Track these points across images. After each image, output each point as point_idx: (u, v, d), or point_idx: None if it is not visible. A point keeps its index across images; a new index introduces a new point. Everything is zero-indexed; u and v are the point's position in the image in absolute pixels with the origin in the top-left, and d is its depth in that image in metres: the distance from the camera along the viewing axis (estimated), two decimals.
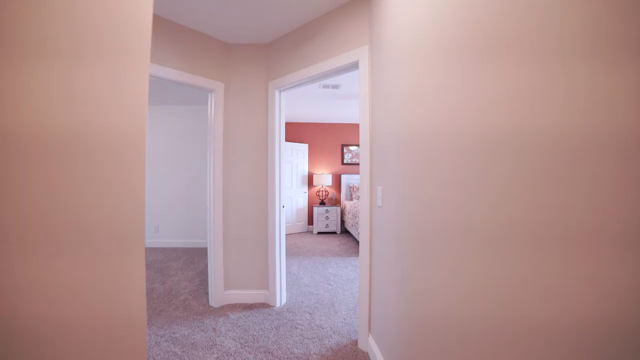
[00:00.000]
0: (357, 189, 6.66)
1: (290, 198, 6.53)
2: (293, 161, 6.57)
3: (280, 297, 2.80)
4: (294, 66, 2.60)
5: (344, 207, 6.43)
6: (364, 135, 2.07)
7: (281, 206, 2.85)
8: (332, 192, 6.89)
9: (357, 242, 5.48)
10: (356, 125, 6.99)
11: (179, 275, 3.59)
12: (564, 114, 0.56)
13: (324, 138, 6.97)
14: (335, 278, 3.53)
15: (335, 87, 4.22)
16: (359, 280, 2.12)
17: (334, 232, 6.56)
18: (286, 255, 4.58)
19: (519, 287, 0.68)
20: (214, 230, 2.76)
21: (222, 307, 2.75)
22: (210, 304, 2.78)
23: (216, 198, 2.77)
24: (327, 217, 6.43)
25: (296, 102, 5.16)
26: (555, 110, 0.58)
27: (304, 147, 6.78)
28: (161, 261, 4.21)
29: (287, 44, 2.67)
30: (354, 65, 2.17)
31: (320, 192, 6.80)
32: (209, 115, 2.83)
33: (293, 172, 6.57)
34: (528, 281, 0.65)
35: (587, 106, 0.52)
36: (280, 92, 2.82)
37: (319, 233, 6.51)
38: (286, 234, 6.38)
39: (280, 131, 2.85)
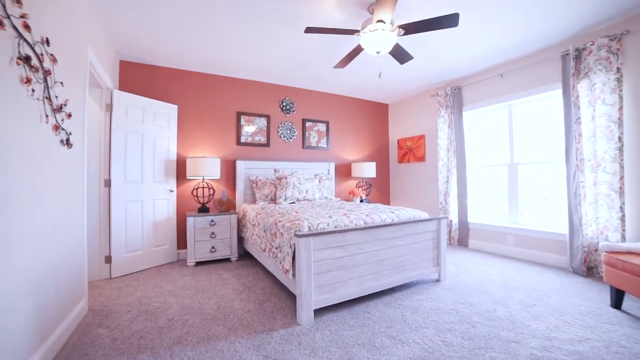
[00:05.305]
0: (265, 183, 4.16)
1: (141, 202, 3.43)
2: (145, 132, 3.49)
3: None
4: None
5: (243, 215, 3.83)
6: None
7: None
8: (221, 189, 4.14)
9: (276, 280, 3.00)
10: (266, 86, 4.45)
11: None
12: None
13: (207, 99, 4.15)
14: None
15: None
16: None
17: (227, 259, 3.85)
18: (116, 353, 1.68)
19: None
20: None
21: None
22: None
23: None
24: (212, 234, 3.66)
25: (152, 13, 2.29)
26: None
27: (169, 111, 3.78)
28: None
29: None
30: None
31: (200, 190, 3.96)
32: None
33: (146, 152, 3.49)
34: None
35: None
36: None
37: (198, 263, 3.67)
38: (130, 274, 3.26)
39: None
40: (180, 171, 3.92)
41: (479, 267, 3.26)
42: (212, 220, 3.65)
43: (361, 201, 4.79)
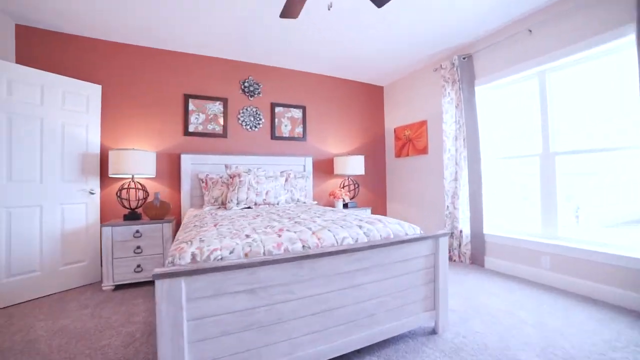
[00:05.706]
0: (217, 182, 3.24)
1: (39, 207, 2.59)
2: (47, 118, 2.65)
3: None
4: None
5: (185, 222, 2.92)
6: None
7: None
8: (155, 190, 3.25)
9: None
10: (221, 62, 3.54)
11: None
12: None
13: (145, 78, 3.28)
14: None
15: None
16: None
17: None
18: None
19: None
20: None
21: None
22: None
23: None
24: (138, 249, 2.77)
25: None
26: None
27: (89, 91, 2.93)
28: None
29: None
30: None
31: (132, 192, 3.08)
32: None
33: (48, 143, 2.65)
34: None
35: None
36: None
37: (119, 287, 2.78)
38: (10, 306, 2.40)
39: None
40: (104, 167, 3.06)
41: (500, 305, 2.21)
42: (137, 231, 2.76)
43: (345, 205, 3.80)
